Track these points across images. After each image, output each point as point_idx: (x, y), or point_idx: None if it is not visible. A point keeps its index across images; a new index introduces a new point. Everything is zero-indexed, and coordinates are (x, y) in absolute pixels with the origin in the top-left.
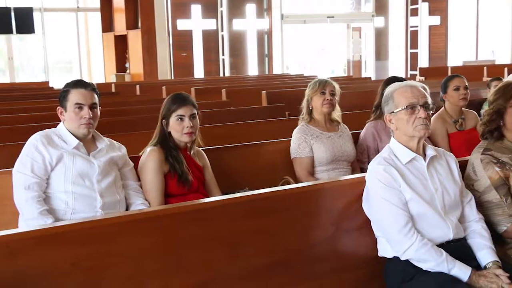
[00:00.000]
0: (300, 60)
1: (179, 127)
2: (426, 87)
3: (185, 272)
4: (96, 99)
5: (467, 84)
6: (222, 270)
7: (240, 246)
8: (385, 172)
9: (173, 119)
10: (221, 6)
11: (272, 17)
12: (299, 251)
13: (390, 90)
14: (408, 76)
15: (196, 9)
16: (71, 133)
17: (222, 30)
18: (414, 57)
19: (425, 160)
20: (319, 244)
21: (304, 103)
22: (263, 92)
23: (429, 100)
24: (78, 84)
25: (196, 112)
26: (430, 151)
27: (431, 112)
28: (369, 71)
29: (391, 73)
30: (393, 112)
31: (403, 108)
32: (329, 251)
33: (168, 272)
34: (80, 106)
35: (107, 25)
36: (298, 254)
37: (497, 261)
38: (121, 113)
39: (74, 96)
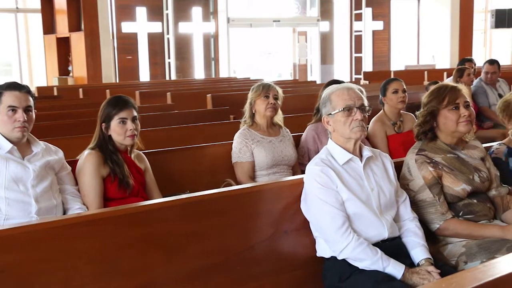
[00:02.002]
0: (247, 64)
1: (122, 130)
2: (363, 89)
3: (121, 276)
4: (31, 101)
5: (405, 87)
6: (159, 274)
7: (178, 249)
8: (322, 173)
9: (115, 122)
10: (167, 9)
11: (218, 20)
12: (238, 252)
13: (327, 93)
14: (353, 79)
15: (141, 12)
16: (4, 137)
17: (168, 33)
18: (359, 61)
19: (361, 161)
20: (258, 245)
21: (246, 107)
22: (208, 95)
23: (366, 102)
24: (12, 86)
25: (137, 114)
26: (367, 152)
27: (368, 114)
28: (314, 75)
29: (336, 77)
30: (330, 114)
31: (340, 110)
32: (268, 252)
33: (104, 277)
34: (13, 109)
35: (49, 26)
36: (237, 256)
37: (430, 258)
38: (62, 116)
39: (8, 99)
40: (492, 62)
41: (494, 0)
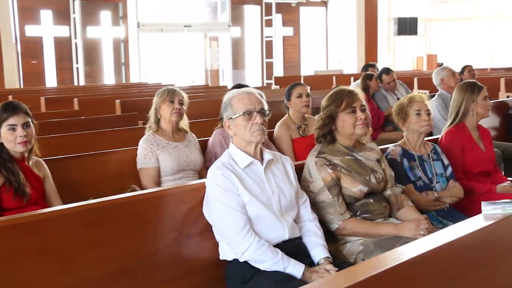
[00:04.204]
0: (159, 69)
1: (11, 137)
2: (263, 93)
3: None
4: None
5: (309, 92)
6: (54, 284)
7: (76, 257)
8: (223, 177)
9: (4, 129)
10: (74, 13)
11: (128, 25)
12: (141, 258)
13: (228, 97)
14: (264, 84)
15: (46, 15)
16: None
17: (75, 38)
18: (270, 66)
19: (262, 164)
20: (161, 250)
21: (151, 112)
22: (117, 101)
23: (266, 107)
24: None
25: (30, 120)
26: (267, 155)
27: (268, 118)
28: (226, 80)
29: (248, 82)
30: (231, 118)
31: (240, 114)
32: (171, 257)
33: None
34: None
35: None
36: (139, 262)
37: (328, 257)
38: None
39: None
40: (388, 72)
41: (396, 9)
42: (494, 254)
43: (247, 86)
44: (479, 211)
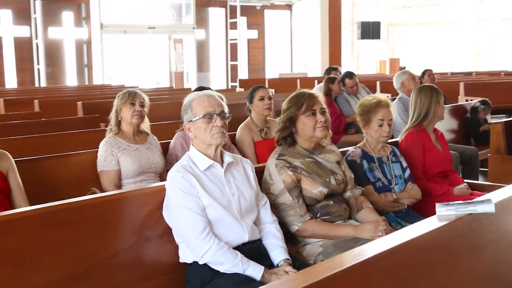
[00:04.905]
0: (123, 71)
1: None
2: (223, 96)
3: None
4: None
5: (271, 94)
6: None
7: (32, 261)
8: (183, 179)
9: None
10: (35, 13)
11: (91, 26)
12: (100, 261)
13: (188, 100)
14: (229, 87)
15: (5, 15)
16: None
17: (36, 38)
18: (235, 69)
19: (222, 167)
20: (121, 253)
21: (112, 114)
22: (79, 103)
23: (226, 109)
24: None
25: None
26: (228, 158)
27: (228, 120)
28: (191, 82)
29: (212, 84)
30: (191, 120)
31: (200, 117)
32: (131, 260)
33: None
34: None
35: None
36: (99, 265)
37: (288, 259)
38: None
39: None
40: (351, 76)
41: (359, 13)
42: (448, 253)
43: (209, 88)
44: (435, 212)
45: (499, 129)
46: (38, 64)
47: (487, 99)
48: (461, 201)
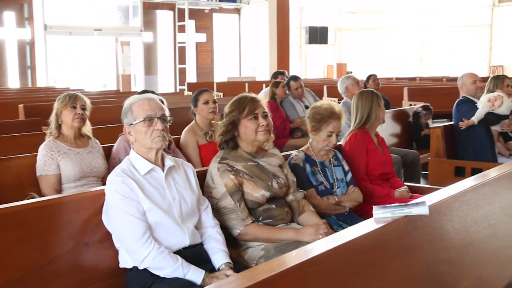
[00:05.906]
0: (69, 73)
1: None
2: (164, 100)
3: None
4: None
5: (215, 98)
6: None
7: None
8: (123, 184)
9: None
10: None
11: (34, 27)
12: (36, 268)
13: (129, 103)
14: (177, 90)
15: None
16: None
17: None
18: (183, 72)
19: (163, 171)
20: (58, 259)
21: (52, 117)
22: (20, 105)
23: (167, 113)
24: None
25: None
26: (169, 162)
27: (169, 124)
28: (138, 85)
29: (160, 88)
30: (131, 124)
31: (140, 120)
32: (69, 266)
33: None
34: None
35: None
36: (35, 272)
37: (229, 262)
38: None
39: None
40: (296, 79)
41: (307, 18)
42: (383, 254)
43: (153, 92)
44: None
45: (438, 133)
46: None
47: (428, 104)
48: (397, 204)
